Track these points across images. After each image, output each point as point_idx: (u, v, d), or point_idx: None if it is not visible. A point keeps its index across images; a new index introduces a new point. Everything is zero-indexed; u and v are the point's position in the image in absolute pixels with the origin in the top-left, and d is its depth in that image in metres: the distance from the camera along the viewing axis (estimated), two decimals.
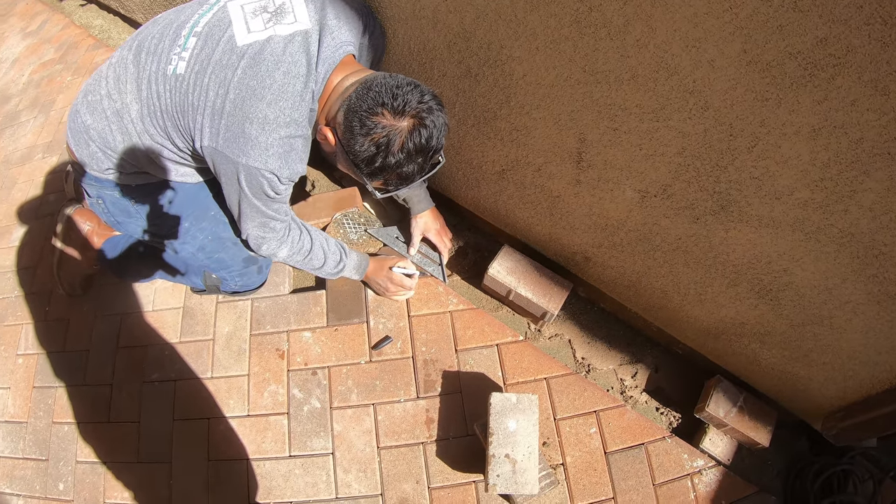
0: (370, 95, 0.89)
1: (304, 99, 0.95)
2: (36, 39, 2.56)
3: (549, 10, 0.83)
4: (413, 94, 0.89)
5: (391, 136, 0.89)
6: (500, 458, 1.06)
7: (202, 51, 0.96)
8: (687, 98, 0.79)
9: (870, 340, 0.94)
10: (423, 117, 0.90)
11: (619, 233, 1.11)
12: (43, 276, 1.62)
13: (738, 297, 1.05)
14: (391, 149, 0.90)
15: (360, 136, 0.90)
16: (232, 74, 0.93)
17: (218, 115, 0.94)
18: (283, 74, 0.93)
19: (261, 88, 0.92)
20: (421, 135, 0.90)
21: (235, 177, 0.99)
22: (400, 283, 1.32)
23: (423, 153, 0.92)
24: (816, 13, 0.60)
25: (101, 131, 1.07)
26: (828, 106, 0.67)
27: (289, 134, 0.95)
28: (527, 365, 1.27)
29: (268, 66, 0.93)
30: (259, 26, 0.96)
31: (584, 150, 1.01)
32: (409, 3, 1.04)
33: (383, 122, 0.88)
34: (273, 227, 1.11)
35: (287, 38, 0.95)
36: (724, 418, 1.20)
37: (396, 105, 0.88)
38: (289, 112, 0.94)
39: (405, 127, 0.89)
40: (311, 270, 1.25)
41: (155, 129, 1.03)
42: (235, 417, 1.28)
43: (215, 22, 0.98)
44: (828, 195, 0.77)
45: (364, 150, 0.91)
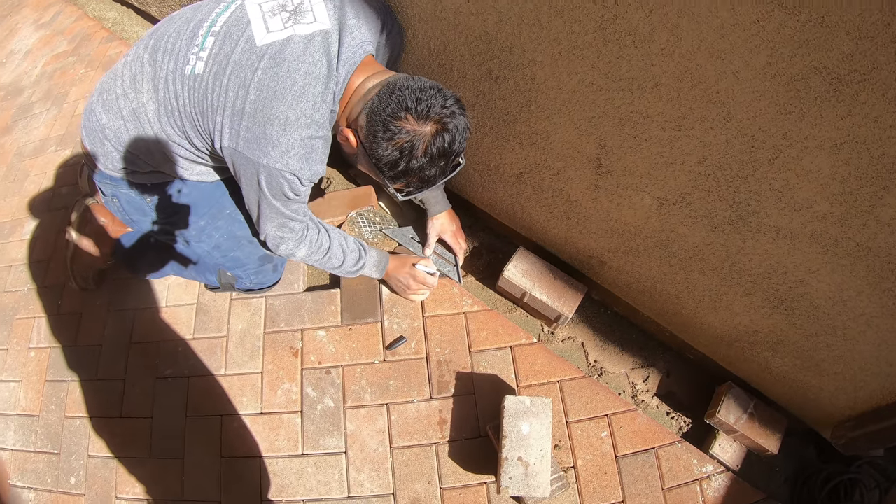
0: (393, 99, 0.89)
1: (324, 100, 0.95)
2: (49, 31, 2.56)
3: (574, 15, 0.83)
4: (436, 98, 0.89)
5: (415, 140, 0.90)
6: (512, 460, 1.07)
7: (220, 51, 0.96)
8: (710, 108, 0.79)
9: (882, 352, 0.95)
10: (445, 122, 0.90)
11: (635, 238, 1.12)
12: (56, 269, 1.63)
13: (753, 306, 1.05)
14: (414, 153, 0.90)
15: (384, 140, 0.90)
16: (252, 75, 0.93)
17: (238, 115, 0.94)
18: (304, 75, 0.93)
19: (281, 89, 0.92)
20: (444, 139, 0.91)
21: (255, 178, 0.99)
22: (423, 281, 1.32)
23: (446, 157, 0.94)
24: (843, 29, 0.60)
25: (116, 130, 1.07)
26: (851, 121, 0.67)
27: (310, 135, 0.95)
28: (540, 367, 1.27)
29: (288, 67, 0.92)
30: (278, 26, 0.96)
31: (603, 155, 1.01)
32: (431, 4, 1.04)
33: (407, 127, 0.89)
34: (292, 227, 1.11)
35: (307, 38, 0.95)
36: (734, 424, 1.20)
37: (420, 110, 0.88)
38: (310, 113, 0.94)
39: (428, 132, 0.90)
40: (331, 269, 1.25)
41: (172, 128, 1.03)
42: (248, 415, 1.29)
43: (233, 21, 0.98)
44: (847, 209, 0.77)
45: (387, 155, 0.91)
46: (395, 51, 1.17)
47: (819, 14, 0.60)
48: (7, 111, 2.26)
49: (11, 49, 2.58)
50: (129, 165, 1.12)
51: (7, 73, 2.46)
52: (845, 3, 0.58)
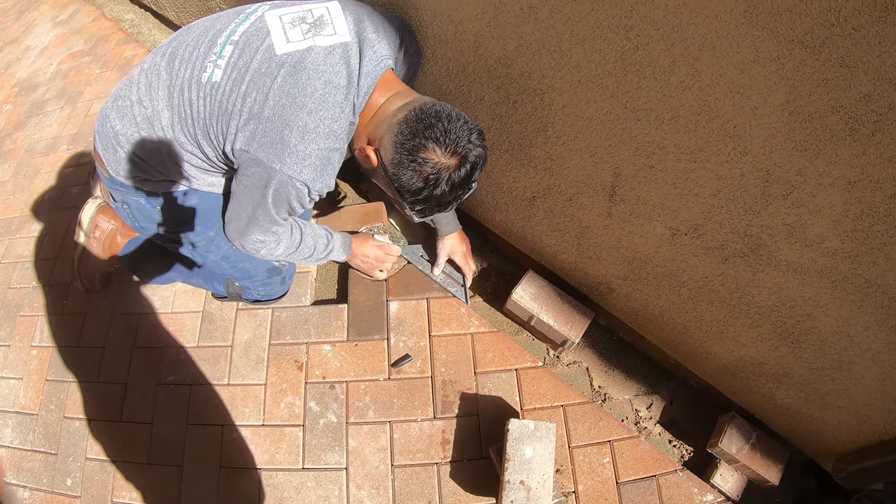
0: (421, 129, 0.90)
1: (343, 111, 0.96)
2: (66, 29, 2.58)
3: (595, 45, 0.84)
4: (463, 132, 0.92)
5: (440, 173, 0.92)
6: (514, 484, 1.06)
7: (240, 59, 0.96)
8: (726, 142, 0.80)
9: (886, 388, 0.95)
10: (468, 156, 0.93)
11: (645, 267, 1.12)
12: (62, 268, 1.63)
13: (760, 338, 1.05)
14: (439, 185, 0.93)
15: (410, 169, 0.92)
16: (271, 82, 0.93)
17: (256, 119, 0.94)
18: (325, 84, 0.93)
19: (301, 97, 0.92)
20: (466, 171, 0.93)
21: (263, 183, 0.97)
22: (388, 250, 1.35)
23: (465, 186, 0.96)
24: (862, 70, 0.61)
25: (130, 137, 1.06)
26: (865, 160, 0.68)
27: (328, 146, 0.95)
28: (544, 391, 1.27)
29: (308, 75, 0.93)
30: (298, 36, 0.97)
31: (618, 184, 1.02)
32: (452, 25, 1.05)
33: (433, 160, 0.91)
34: (275, 231, 1.09)
35: (327, 49, 0.95)
36: (736, 455, 1.20)
37: (448, 143, 0.90)
38: (328, 123, 0.94)
39: (453, 165, 0.93)
40: (302, 260, 1.24)
41: (185, 136, 1.03)
42: (250, 426, 1.28)
43: (253, 31, 0.98)
44: (858, 246, 0.78)
45: (412, 183, 0.94)
46: (411, 68, 1.18)
47: (839, 54, 0.61)
48: (21, 107, 2.27)
49: (28, 45, 2.61)
50: (141, 174, 1.11)
51: (23, 68, 2.48)
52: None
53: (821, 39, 0.61)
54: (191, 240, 1.24)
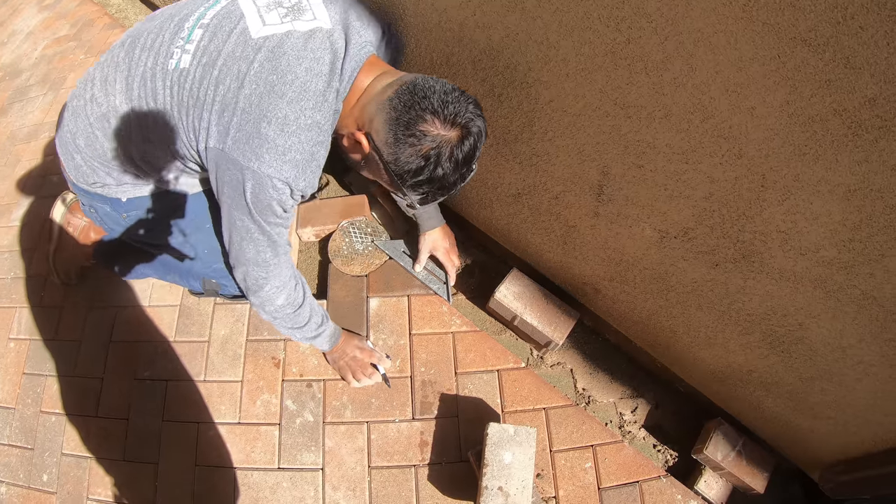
0: (416, 101, 0.81)
1: (326, 99, 0.88)
2: (51, 14, 2.51)
3: (584, 37, 0.80)
4: (461, 102, 0.82)
5: (441, 147, 0.82)
6: (492, 489, 1.04)
7: (210, 42, 0.88)
8: (721, 143, 0.76)
9: (878, 401, 0.93)
10: (469, 127, 0.83)
11: (633, 269, 1.09)
12: (40, 260, 1.59)
13: (749, 346, 1.02)
14: (441, 161, 0.83)
15: (407, 146, 0.82)
16: (247, 67, 0.85)
17: (230, 110, 0.85)
18: (306, 71, 0.85)
19: (281, 84, 0.84)
20: (468, 145, 0.84)
21: (241, 187, 0.88)
22: (370, 357, 1.24)
23: (468, 163, 0.86)
24: (869, 72, 0.57)
25: (87, 139, 0.98)
26: (867, 168, 0.64)
27: (310, 139, 0.87)
28: (526, 393, 1.24)
29: (289, 61, 0.85)
30: (275, 20, 0.89)
31: (605, 183, 0.98)
32: (436, 14, 1.00)
33: (433, 132, 0.81)
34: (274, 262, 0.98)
35: (308, 34, 0.88)
36: (721, 462, 1.18)
37: (447, 114, 0.81)
38: (310, 113, 0.86)
39: (454, 137, 0.83)
40: (285, 328, 1.11)
41: (149, 133, 0.94)
42: (226, 424, 1.25)
43: (224, 14, 0.91)
44: (855, 256, 0.74)
45: (411, 162, 0.83)
46: (393, 64, 1.09)
47: (844, 54, 0.56)
48: (4, 92, 2.21)
49: (13, 29, 2.53)
50: (100, 180, 1.04)
51: (7, 53, 2.41)
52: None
53: (825, 38, 0.57)
54: (161, 242, 1.18)
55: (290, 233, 1.47)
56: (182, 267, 1.26)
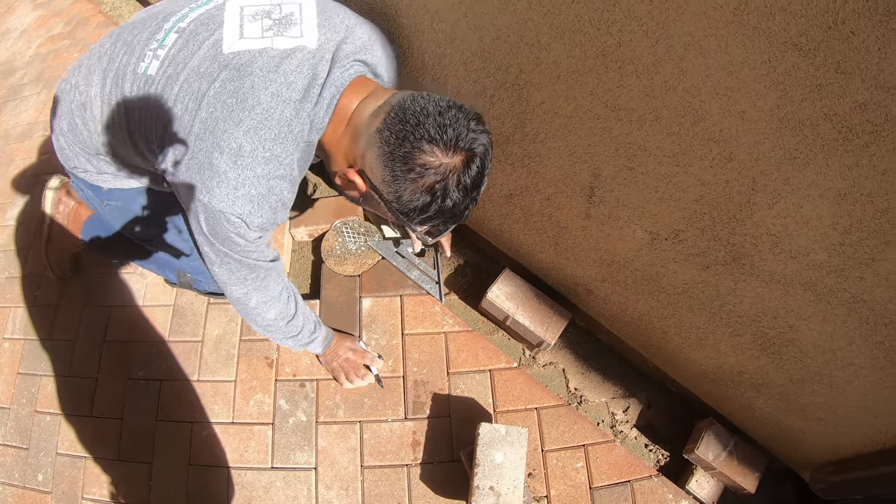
0: (409, 131, 0.71)
1: (292, 130, 0.78)
2: (46, 11, 2.49)
3: (575, 39, 0.79)
4: (461, 121, 0.73)
5: (448, 178, 0.73)
6: (484, 489, 1.05)
7: (180, 52, 0.81)
8: (711, 147, 0.76)
9: (868, 403, 0.93)
10: (474, 148, 0.74)
11: (624, 270, 1.09)
12: (34, 258, 1.59)
13: (740, 347, 1.03)
14: (448, 193, 0.74)
15: (408, 182, 0.73)
16: (208, 86, 0.77)
17: (184, 133, 0.78)
18: (272, 96, 0.76)
19: (240, 110, 0.75)
20: (477, 166, 0.75)
21: (196, 217, 0.81)
22: (363, 359, 1.24)
23: (477, 187, 0.77)
24: (860, 77, 0.57)
25: (70, 124, 0.95)
26: (858, 172, 0.64)
27: (267, 173, 0.77)
28: (518, 393, 1.25)
29: (253, 83, 0.76)
30: (255, 33, 0.81)
31: (597, 185, 0.97)
32: (428, 15, 0.99)
33: (434, 163, 0.72)
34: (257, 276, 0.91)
35: (284, 53, 0.79)
36: (712, 462, 1.18)
37: (448, 140, 0.72)
38: (270, 145, 0.76)
39: (458, 164, 0.74)
40: (278, 338, 1.07)
41: (118, 130, 0.89)
42: (219, 423, 1.26)
43: (204, 20, 0.84)
44: (845, 260, 0.74)
45: (415, 200, 0.75)
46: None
47: (835, 59, 0.56)
48: None
49: (7, 27, 2.52)
50: (80, 165, 1.01)
51: (1, 51, 2.40)
52: None
53: (816, 42, 0.56)
54: (140, 236, 1.17)
55: (282, 233, 1.48)
56: (160, 258, 1.22)
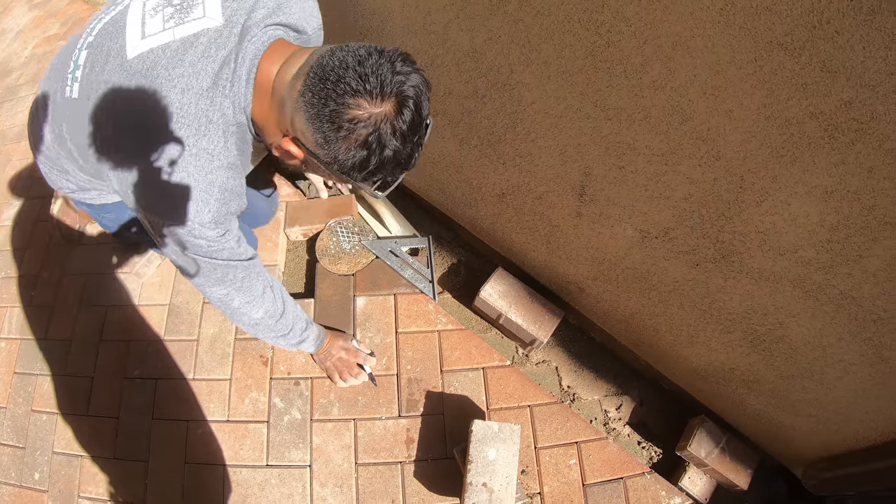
0: (331, 87, 0.67)
1: (211, 120, 0.75)
2: (42, 12, 2.49)
3: (565, 40, 0.80)
4: (383, 66, 0.68)
5: (379, 128, 0.69)
6: (477, 486, 1.05)
7: (92, 69, 0.79)
8: (699, 145, 0.77)
9: (858, 399, 0.94)
10: (403, 91, 0.69)
11: (616, 269, 1.09)
12: (31, 258, 1.60)
13: (731, 344, 1.03)
14: (383, 142, 0.70)
15: (340, 140, 0.70)
16: (121, 100, 0.76)
17: (113, 149, 0.77)
18: (181, 93, 0.73)
19: (155, 116, 0.73)
20: (411, 110, 0.70)
21: (149, 228, 0.81)
22: (356, 358, 1.25)
23: (417, 130, 0.73)
24: (844, 75, 0.57)
25: (45, 155, 0.96)
26: (844, 170, 0.65)
27: (201, 168, 0.76)
28: (511, 391, 1.25)
29: (161, 84, 0.73)
30: (156, 27, 0.77)
31: (587, 183, 0.98)
32: (421, 16, 1.00)
33: (362, 116, 0.68)
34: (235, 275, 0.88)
35: (187, 42, 0.75)
36: (705, 459, 1.19)
37: (371, 88, 0.67)
38: (194, 140, 0.74)
39: (390, 111, 0.69)
40: (270, 338, 1.05)
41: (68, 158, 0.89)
42: (215, 422, 1.26)
43: (109, 29, 0.80)
44: (833, 257, 0.75)
45: (352, 157, 0.71)
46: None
47: (820, 58, 0.57)
48: None
49: (3, 28, 2.52)
50: (64, 186, 1.03)
51: None
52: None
53: (801, 42, 0.57)
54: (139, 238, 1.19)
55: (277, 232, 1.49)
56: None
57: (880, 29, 0.51)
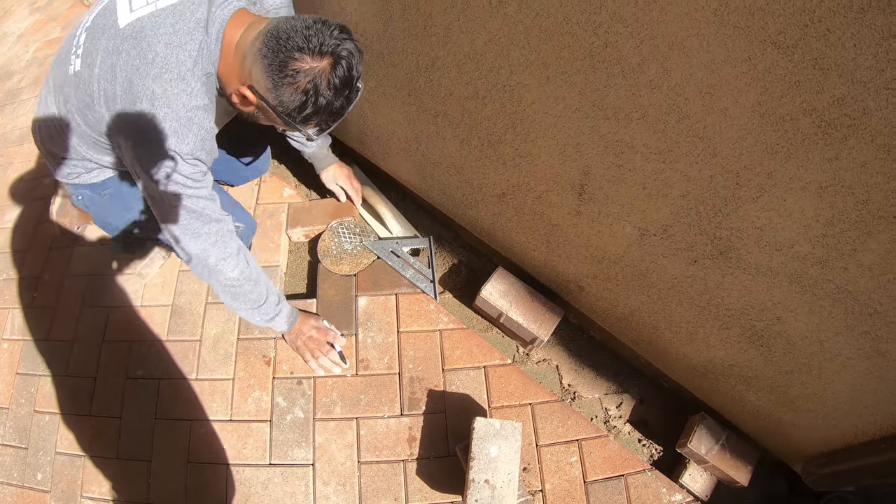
0: (282, 44, 0.86)
1: (189, 68, 0.92)
2: (43, 16, 2.52)
3: (564, 41, 0.82)
4: (324, 31, 0.87)
5: (317, 79, 0.88)
6: (479, 483, 1.06)
7: (91, 43, 0.96)
8: (696, 143, 0.78)
9: (856, 393, 0.95)
10: (338, 52, 0.89)
11: (615, 267, 1.10)
12: (33, 260, 1.61)
13: (729, 340, 1.04)
14: (319, 91, 0.89)
15: (285, 86, 0.88)
16: (117, 58, 0.92)
17: (112, 101, 0.94)
18: (165, 46, 0.91)
19: (144, 65, 0.90)
20: (343, 68, 0.89)
21: (138, 164, 0.95)
22: (326, 337, 1.29)
23: (348, 86, 0.92)
24: (836, 72, 0.59)
25: (50, 136, 1.10)
26: (838, 165, 0.66)
27: (183, 105, 0.93)
28: (513, 389, 1.26)
29: (149, 41, 0.91)
30: (142, 2, 0.95)
31: (586, 182, 0.99)
32: (422, 18, 1.01)
33: (304, 67, 0.87)
34: (209, 230, 1.02)
35: (166, 10, 0.93)
36: (705, 455, 1.20)
37: (312, 47, 0.86)
38: (176, 84, 0.91)
39: (326, 66, 0.88)
40: (246, 308, 1.14)
41: (80, 130, 1.04)
42: (218, 421, 1.27)
43: (103, 13, 0.98)
44: (828, 251, 0.76)
45: (294, 100, 0.89)
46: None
47: (812, 56, 0.59)
48: None
49: (4, 31, 2.54)
50: (72, 171, 1.15)
51: None
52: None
53: (794, 40, 0.59)
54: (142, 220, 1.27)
55: (279, 233, 1.50)
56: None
57: (870, 26, 0.53)
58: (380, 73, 1.24)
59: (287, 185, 1.62)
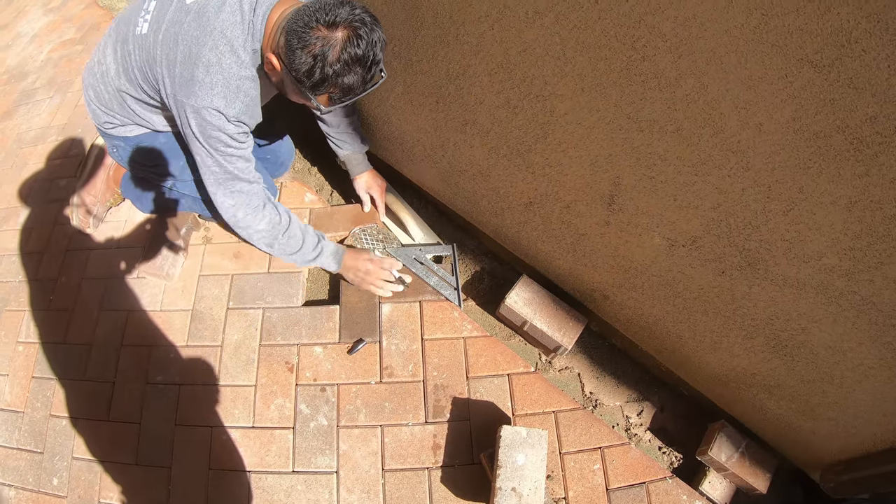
0: (303, 14, 0.97)
1: (241, 43, 1.06)
2: (57, 17, 2.52)
3: (600, 53, 0.83)
4: (343, 8, 0.97)
5: (326, 46, 0.96)
6: (506, 490, 1.06)
7: (159, 12, 1.10)
8: (729, 157, 0.80)
9: (877, 402, 0.96)
10: (356, 27, 0.97)
11: (641, 276, 1.12)
12: (49, 262, 1.59)
13: (753, 350, 1.06)
14: (328, 59, 0.96)
15: (298, 49, 0.97)
16: (180, 29, 1.05)
17: (172, 65, 1.06)
18: (222, 21, 1.04)
19: (203, 36, 1.04)
20: (356, 45, 0.97)
21: (188, 123, 1.08)
22: (381, 264, 1.37)
23: (361, 63, 0.99)
24: (870, 91, 0.61)
25: (96, 91, 1.25)
26: (868, 181, 0.68)
27: (233, 74, 1.06)
28: (536, 397, 1.27)
29: (209, 17, 1.04)
30: None
31: (617, 193, 1.01)
32: (454, 27, 1.03)
33: (319, 35, 0.96)
34: (241, 188, 1.16)
35: None
36: (725, 463, 1.21)
37: (328, 19, 0.95)
38: (228, 55, 1.05)
39: (339, 37, 0.96)
40: (289, 255, 1.27)
41: (130, 83, 1.18)
42: (240, 428, 1.26)
43: None
44: (855, 264, 0.78)
45: (303, 63, 0.97)
46: None
47: (847, 75, 0.60)
48: (10, 95, 2.21)
49: (18, 31, 2.54)
50: (109, 121, 1.28)
51: (12, 55, 2.41)
52: None
53: (830, 59, 0.61)
54: (167, 171, 1.37)
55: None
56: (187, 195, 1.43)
57: None
58: (407, 79, 1.25)
59: (308, 190, 1.62)
